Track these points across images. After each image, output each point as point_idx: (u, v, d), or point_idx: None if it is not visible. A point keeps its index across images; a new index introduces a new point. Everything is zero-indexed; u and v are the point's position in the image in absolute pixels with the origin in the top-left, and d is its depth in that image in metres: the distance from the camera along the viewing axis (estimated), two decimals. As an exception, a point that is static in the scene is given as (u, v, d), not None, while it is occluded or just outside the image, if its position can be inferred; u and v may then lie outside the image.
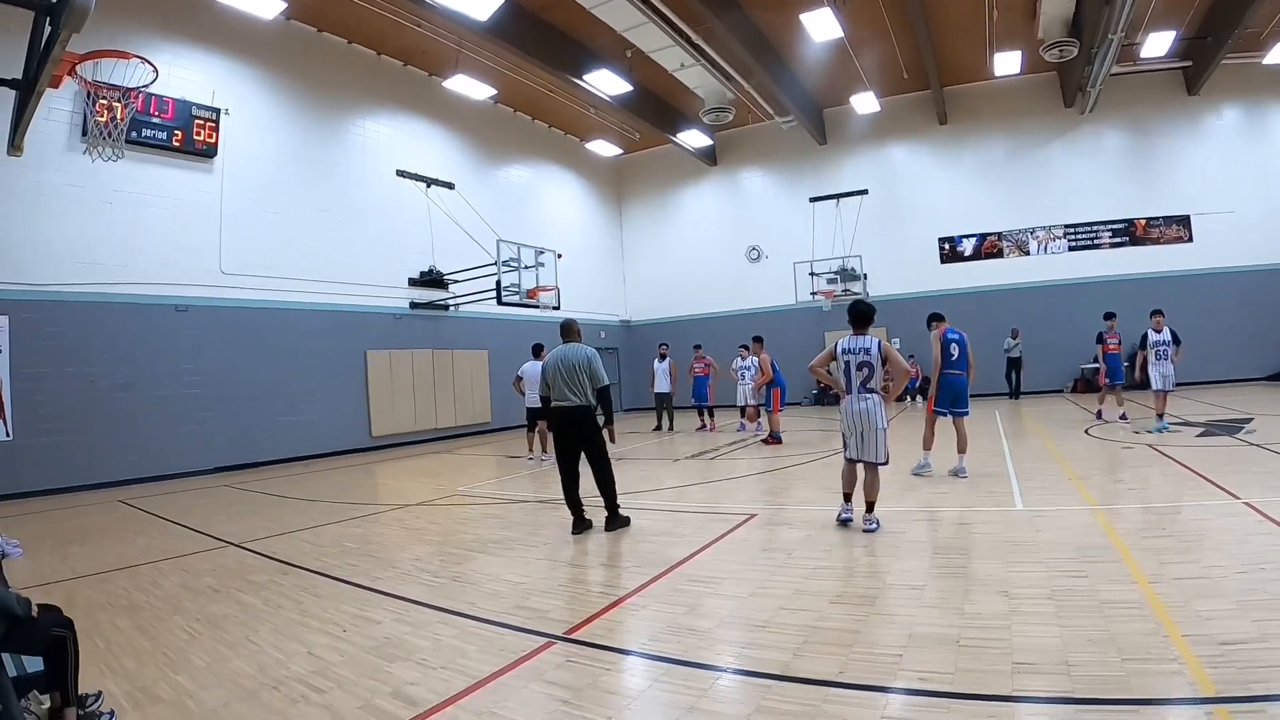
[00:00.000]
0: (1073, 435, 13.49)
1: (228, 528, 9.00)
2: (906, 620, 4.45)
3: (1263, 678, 3.39)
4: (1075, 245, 24.83)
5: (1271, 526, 6.09)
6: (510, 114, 25.56)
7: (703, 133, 26.93)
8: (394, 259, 20.31)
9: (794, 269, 26.12)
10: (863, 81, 23.36)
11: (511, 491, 11.15)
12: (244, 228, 16.68)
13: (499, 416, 23.04)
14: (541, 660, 4.19)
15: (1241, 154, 23.47)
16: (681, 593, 5.37)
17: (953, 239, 26.04)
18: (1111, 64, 19.88)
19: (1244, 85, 23.06)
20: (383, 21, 18.30)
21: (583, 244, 28.32)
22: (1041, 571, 5.29)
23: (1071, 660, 3.70)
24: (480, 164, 24.06)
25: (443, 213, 20.93)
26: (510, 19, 17.50)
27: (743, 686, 3.80)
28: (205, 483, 14.20)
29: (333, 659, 4.36)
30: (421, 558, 6.96)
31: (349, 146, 19.72)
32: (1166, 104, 24.05)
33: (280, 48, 17.90)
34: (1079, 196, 24.71)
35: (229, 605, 5.64)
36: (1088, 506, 7.39)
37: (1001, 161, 25.72)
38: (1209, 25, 20.88)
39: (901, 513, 7.56)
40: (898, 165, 27.01)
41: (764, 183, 29.19)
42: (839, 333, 25.24)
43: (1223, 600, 4.46)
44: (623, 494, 8.04)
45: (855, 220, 26.37)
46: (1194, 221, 23.70)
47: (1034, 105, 25.22)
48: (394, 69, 21.17)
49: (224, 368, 16.01)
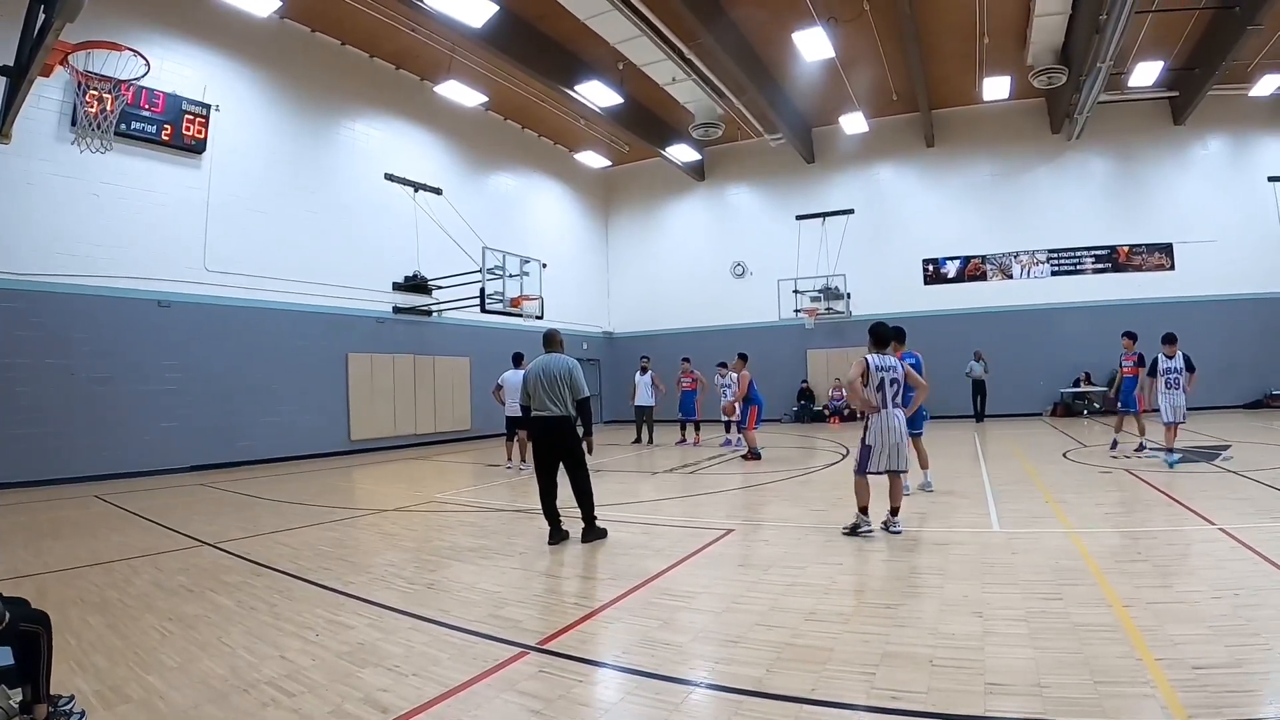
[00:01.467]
0: (1051, 459, 13.59)
1: (203, 527, 8.94)
2: (880, 639, 4.46)
3: (1234, 702, 3.42)
4: (1058, 270, 25.09)
5: (1246, 553, 6.15)
6: (500, 121, 25.61)
7: (692, 147, 26.98)
8: (379, 262, 20.28)
9: (778, 286, 26.36)
10: (852, 102, 23.54)
11: (489, 500, 11.11)
12: (230, 225, 16.64)
13: (480, 424, 22.97)
14: (514, 670, 4.18)
15: (1225, 184, 23.86)
16: (656, 606, 5.36)
17: (937, 260, 26.24)
18: (1099, 92, 20.17)
19: (1230, 116, 23.47)
20: (377, 24, 18.34)
21: (568, 254, 28.36)
22: (1016, 593, 5.32)
23: (1044, 682, 3.72)
24: (468, 170, 24.08)
25: (429, 218, 20.94)
26: (504, 27, 17.53)
27: (715, 701, 3.80)
28: (182, 480, 14.13)
29: (304, 663, 4.34)
30: (396, 563, 6.94)
31: (338, 148, 19.72)
32: (1153, 133, 24.41)
33: (273, 46, 17.90)
34: (1063, 222, 24.99)
35: (201, 605, 5.61)
36: (1064, 530, 7.44)
37: (987, 185, 25.99)
38: (1196, 57, 21.22)
39: (876, 532, 7.59)
40: (884, 186, 27.23)
41: (751, 199, 29.35)
42: (821, 351, 25.43)
43: (1196, 625, 4.50)
44: (600, 506, 8.04)
45: (840, 239, 26.60)
46: (1176, 250, 24.05)
47: (1021, 130, 25.52)
48: (386, 72, 21.18)
49: (204, 365, 15.95)
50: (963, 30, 19.78)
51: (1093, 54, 18.02)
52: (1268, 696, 3.55)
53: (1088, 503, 9.05)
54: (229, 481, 13.81)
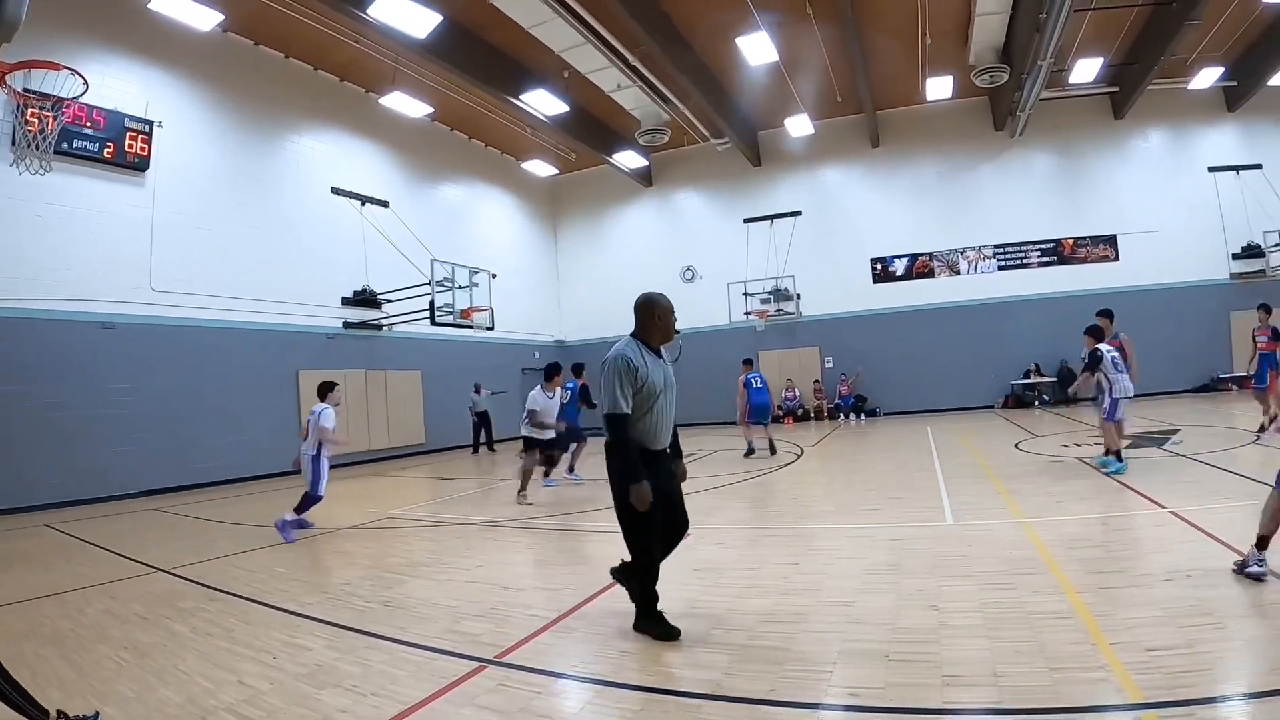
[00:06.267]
0: (1003, 449, 13.84)
1: (156, 553, 8.80)
2: (837, 637, 4.52)
3: (1189, 682, 3.51)
4: (1005, 265, 25.62)
5: (1196, 535, 6.32)
6: (447, 132, 25.52)
7: (638, 154, 27.16)
8: (327, 278, 20.08)
9: (728, 289, 26.64)
10: (797, 105, 23.82)
11: (446, 514, 11.08)
12: (175, 243, 16.38)
13: (434, 437, 22.85)
14: (473, 685, 4.18)
15: (1165, 176, 24.58)
16: (614, 614, 5.35)
17: (885, 259, 26.62)
18: (1041, 89, 20.68)
19: (1168, 110, 24.17)
20: (320, 36, 18.20)
21: (517, 264, 28.34)
22: (971, 585, 5.41)
23: (999, 671, 3.80)
24: (415, 182, 23.98)
25: (377, 231, 20.83)
26: (448, 37, 17.48)
27: (675, 706, 3.84)
28: (134, 506, 13.84)
29: (262, 687, 4.31)
30: (352, 582, 6.90)
31: (283, 162, 19.51)
32: (1094, 128, 25.07)
33: (216, 60, 17.66)
34: (1009, 217, 25.55)
35: (157, 633, 5.54)
36: (1017, 519, 7.58)
37: (933, 183, 26.46)
38: (1135, 52, 21.74)
39: (833, 529, 7.70)
40: (831, 187, 27.57)
41: (699, 204, 29.53)
42: (773, 352, 25.54)
43: (1149, 608, 4.61)
44: (558, 515, 8.02)
45: (789, 241, 26.92)
46: (1120, 241, 24.73)
47: (965, 129, 26.04)
48: (330, 84, 21.03)
49: (154, 387, 15.67)
50: (905, 31, 20.10)
51: (1033, 52, 18.44)
52: (1221, 675, 3.66)
53: (1040, 492, 9.23)
54: (182, 505, 13.59)
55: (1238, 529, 6.31)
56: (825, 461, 14.78)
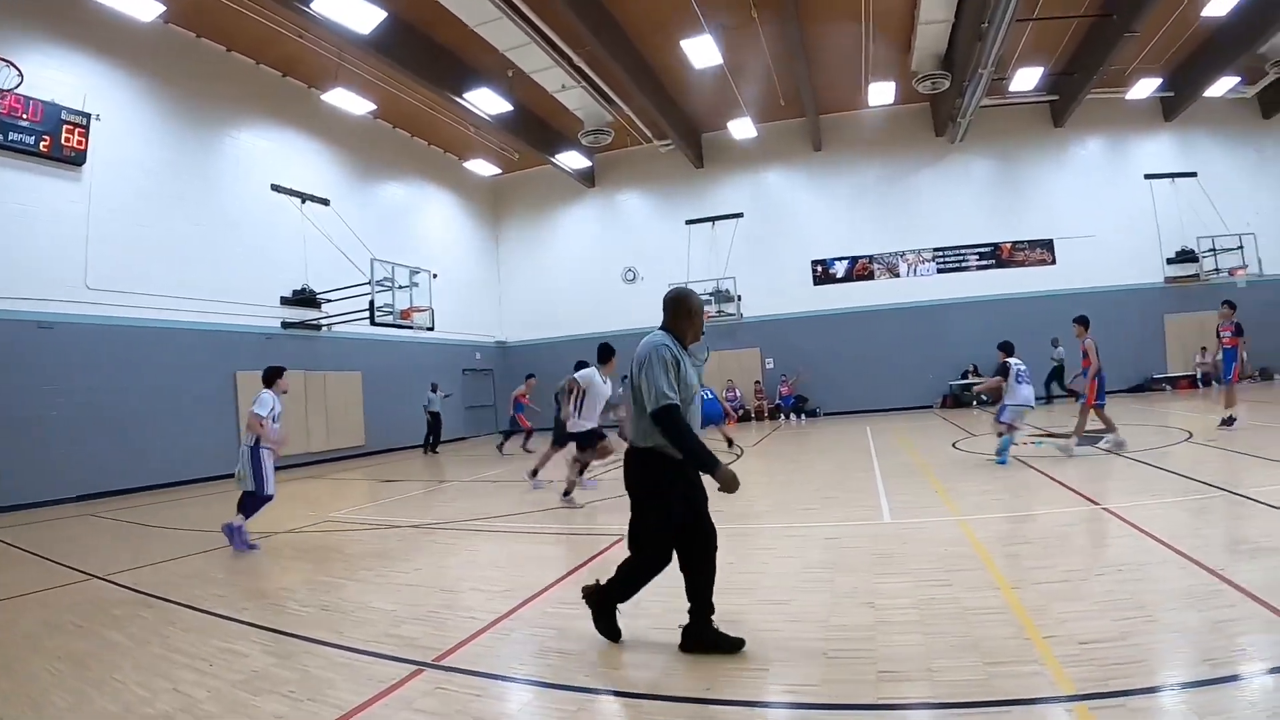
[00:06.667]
0: (941, 449, 14.13)
1: (92, 559, 8.62)
2: (773, 635, 4.58)
3: (1121, 674, 3.62)
4: (944, 268, 26.23)
5: (1129, 530, 6.55)
6: (389, 130, 25.35)
7: (582, 154, 27.23)
8: (266, 277, 19.77)
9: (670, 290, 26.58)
10: (741, 108, 24.06)
11: (385, 516, 11.03)
12: (112, 240, 15.99)
13: (373, 439, 22.65)
14: (410, 689, 4.18)
15: (1102, 182, 25.48)
16: (552, 616, 5.44)
17: (825, 261, 27.01)
18: (981, 97, 21.20)
19: (1107, 119, 25.01)
20: (263, 29, 17.94)
21: (459, 264, 28.21)
22: (907, 582, 5.53)
23: (935, 666, 3.89)
24: (357, 180, 23.74)
25: (317, 230, 20.61)
26: (392, 33, 17.40)
27: (613, 707, 3.94)
28: (68, 511, 13.50)
29: (199, 695, 4.28)
30: (290, 587, 6.87)
31: (223, 158, 19.19)
32: (1033, 135, 25.82)
33: (157, 52, 17.29)
34: (948, 221, 26.16)
35: (92, 642, 5.45)
36: (953, 517, 7.76)
37: (874, 187, 26.96)
38: (1075, 62, 22.44)
39: (771, 529, 7.84)
40: (773, 190, 27.93)
41: (641, 205, 29.68)
42: (714, 353, 25.30)
43: (1082, 602, 4.76)
44: (495, 517, 8.03)
45: (730, 243, 27.17)
46: (1057, 245, 25.56)
47: (906, 134, 26.60)
48: (272, 79, 20.74)
49: (89, 388, 15.26)
50: (848, 37, 20.42)
51: (975, 60, 18.91)
52: (1152, 666, 3.78)
53: (976, 490, 9.47)
54: (118, 510, 13.27)
55: (1168, 524, 6.60)
56: (765, 461, 14.99)
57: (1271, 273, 23.72)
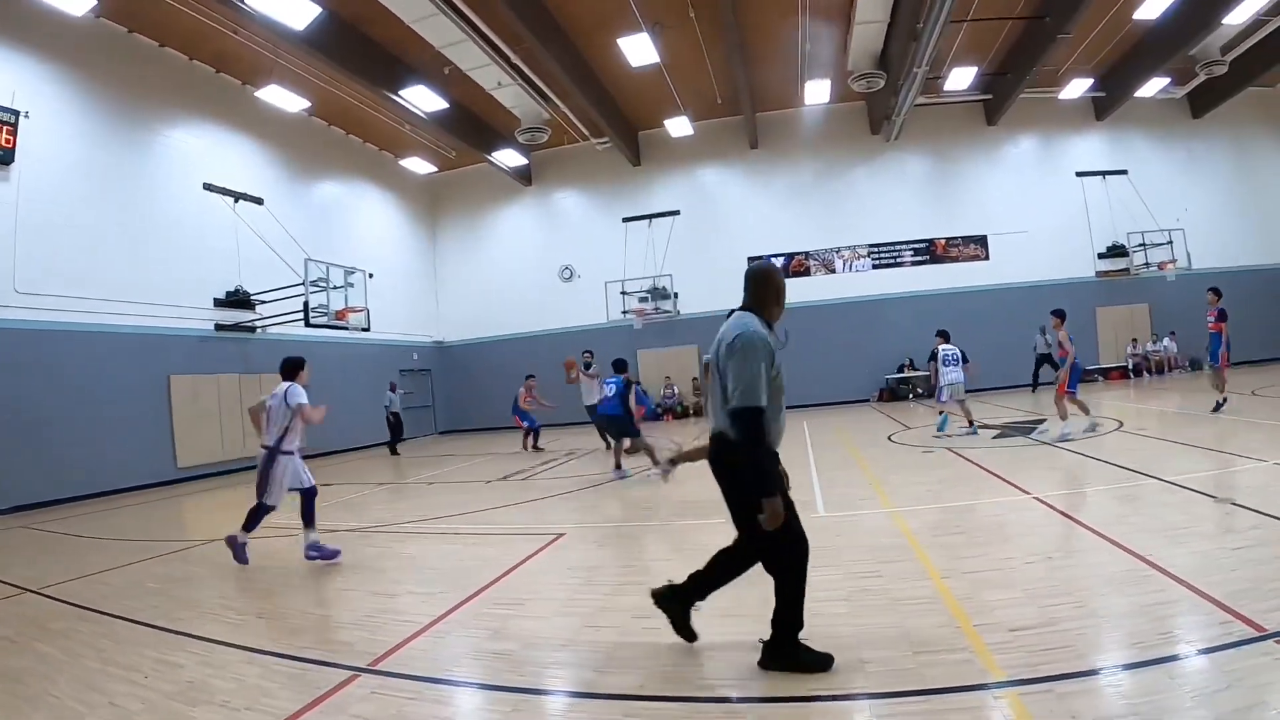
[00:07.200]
0: (876, 442, 14.42)
1: (23, 572, 8.45)
2: (704, 630, 4.60)
3: (1049, 659, 3.74)
4: (879, 264, 26.76)
5: (1058, 518, 6.81)
6: (324, 128, 25.04)
7: (518, 152, 27.17)
8: (199, 278, 19.39)
9: (606, 288, 26.97)
10: (677, 106, 24.27)
11: (320, 522, 10.94)
12: (41, 242, 15.54)
13: (312, 441, 22.27)
14: (346, 694, 4.21)
15: (1035, 180, 26.28)
16: (487, 616, 5.50)
17: (762, 258, 27.17)
18: (916, 96, 21.67)
19: (1040, 118, 25.81)
20: (196, 24, 17.62)
21: (395, 263, 27.99)
22: (838, 574, 5.63)
23: (865, 657, 4.01)
24: (291, 179, 23.41)
25: (250, 230, 20.27)
26: (327, 30, 17.28)
27: (547, 706, 4.05)
28: (1, 523, 13.09)
29: (134, 708, 4.27)
30: (226, 595, 6.86)
31: (155, 156, 18.77)
32: (967, 133, 26.50)
33: (88, 48, 16.88)
34: (883, 218, 26.71)
35: (25, 657, 5.38)
36: (886, 509, 7.96)
37: (810, 185, 27.37)
38: (1009, 63, 23.02)
39: (705, 525, 7.98)
40: (709, 187, 28.17)
41: (578, 203, 29.75)
42: (652, 351, 25.53)
43: (1011, 590, 4.94)
44: (431, 519, 7.98)
45: (667, 240, 27.39)
46: (991, 241, 26.27)
47: (842, 132, 27.05)
48: (206, 76, 20.33)
49: (17, 395, 14.81)
50: (785, 37, 20.71)
51: (910, 60, 19.32)
52: (1080, 650, 3.89)
53: (909, 482, 9.70)
54: (51, 521, 12.91)
55: (1098, 512, 6.87)
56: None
57: (1200, 267, 24.49)
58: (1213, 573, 4.85)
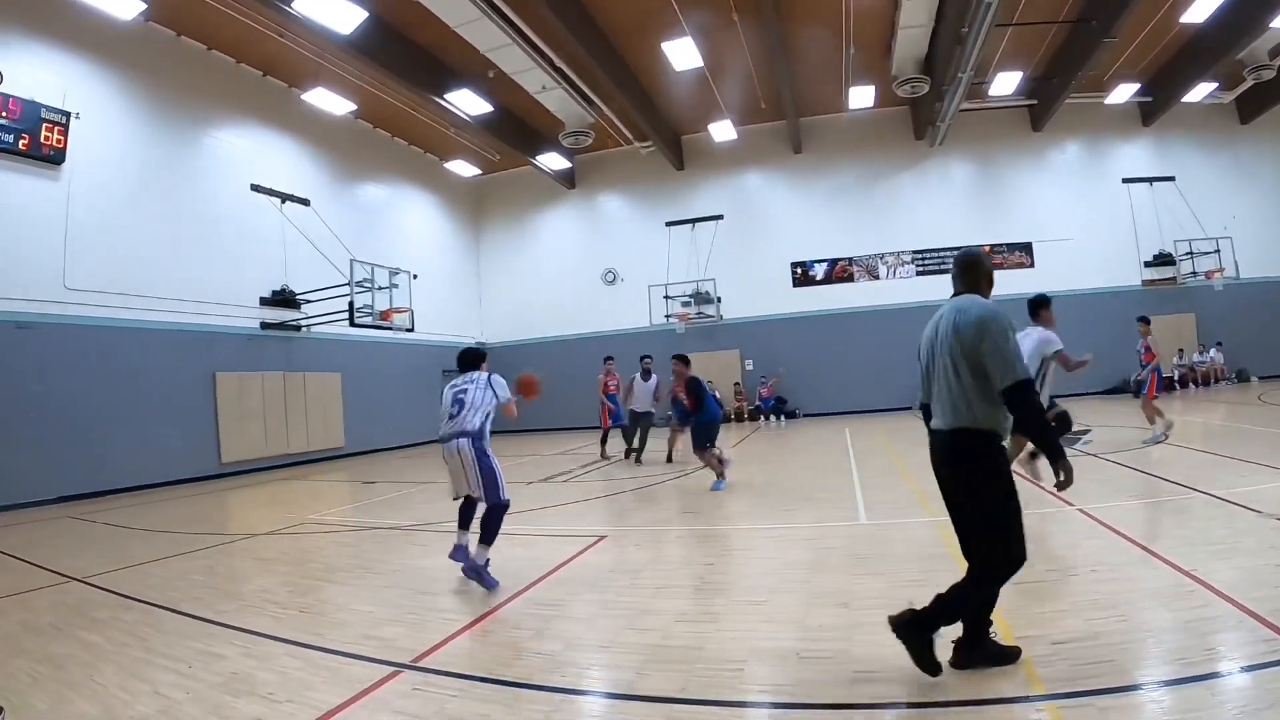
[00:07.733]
0: (918, 451, 14.15)
1: (70, 562, 8.56)
2: (749, 635, 4.61)
3: (1091, 673, 3.67)
4: (923, 270, 26.33)
5: (1103, 531, 6.63)
6: (369, 130, 25.25)
7: (562, 155, 27.21)
8: (246, 277, 19.64)
9: (649, 292, 26.81)
10: (721, 110, 24.17)
11: (363, 519, 11.03)
12: (91, 240, 15.83)
13: (352, 441, 22.58)
14: (388, 690, 4.21)
15: (1080, 186, 25.74)
16: (529, 616, 5.45)
17: (805, 263, 27.11)
18: (961, 101, 21.40)
19: (1085, 123, 25.32)
20: (244, 28, 17.84)
21: (439, 264, 28.16)
22: (882, 583, 5.55)
23: (908, 666, 3.86)
24: (337, 180, 23.63)
25: (297, 230, 20.51)
26: (373, 34, 17.37)
27: (588, 707, 3.99)
28: (48, 513, 13.36)
29: (178, 697, 4.29)
30: (269, 589, 6.86)
31: (203, 157, 19.03)
32: (1012, 139, 26.05)
33: (137, 51, 17.15)
34: (927, 224, 26.29)
35: (71, 644, 5.42)
36: (929, 518, 7.81)
37: (853, 190, 27.06)
38: (1054, 67, 22.60)
39: (749, 530, 7.89)
40: (753, 192, 27.97)
41: (621, 206, 29.68)
42: (693, 355, 25.60)
43: (1056, 601, 4.84)
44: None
45: (710, 244, 27.24)
46: (1036, 248, 25.78)
47: (886, 137, 26.74)
48: (253, 78, 20.61)
49: (68, 389, 15.08)
50: (829, 41, 20.51)
51: (954, 65, 19.09)
52: (1123, 665, 3.82)
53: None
54: (97, 512, 13.14)
55: (1143, 525, 6.69)
56: (744, 463, 14.98)
57: (1248, 276, 24.03)
58: (1258, 589, 4.72)
